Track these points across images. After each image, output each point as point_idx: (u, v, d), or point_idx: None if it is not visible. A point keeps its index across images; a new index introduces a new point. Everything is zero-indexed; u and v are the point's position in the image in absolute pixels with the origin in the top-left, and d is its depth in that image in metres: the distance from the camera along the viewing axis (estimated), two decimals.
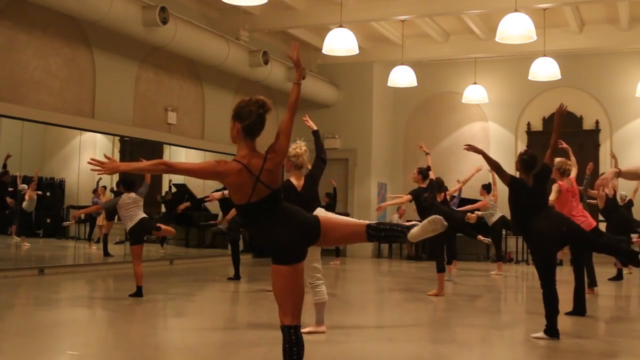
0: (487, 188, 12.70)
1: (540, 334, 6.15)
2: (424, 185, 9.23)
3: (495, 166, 6.40)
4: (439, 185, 10.30)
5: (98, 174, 3.91)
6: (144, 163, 3.75)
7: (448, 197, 11.70)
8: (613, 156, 10.59)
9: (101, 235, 13.12)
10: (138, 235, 8.30)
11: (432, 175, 9.49)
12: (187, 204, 14.59)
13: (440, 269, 9.22)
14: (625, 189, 12.45)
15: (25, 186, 12.07)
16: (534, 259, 6.42)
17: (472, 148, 6.52)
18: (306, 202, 5.94)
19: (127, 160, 13.44)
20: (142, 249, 8.36)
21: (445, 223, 3.69)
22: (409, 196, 9.29)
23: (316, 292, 6.14)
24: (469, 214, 10.16)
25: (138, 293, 8.21)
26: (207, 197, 10.31)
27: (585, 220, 7.73)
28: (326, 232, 3.72)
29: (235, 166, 3.63)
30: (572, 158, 8.63)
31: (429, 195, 9.17)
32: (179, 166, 3.70)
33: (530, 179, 6.30)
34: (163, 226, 8.58)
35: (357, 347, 5.88)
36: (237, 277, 10.68)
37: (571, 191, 7.76)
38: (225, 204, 11.01)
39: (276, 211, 3.69)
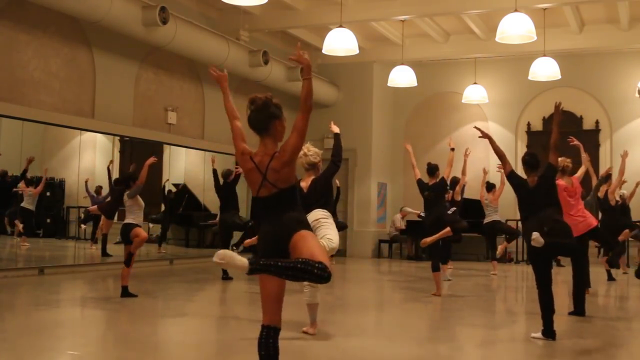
0: (487, 187, 12.63)
1: (539, 335, 6.15)
2: (431, 183, 9.14)
3: (499, 154, 6.49)
4: (450, 185, 10.09)
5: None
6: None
7: (457, 197, 11.61)
8: (625, 155, 10.49)
9: (100, 235, 13.11)
10: (121, 236, 8.32)
11: (447, 173, 9.18)
12: None
13: (435, 269, 9.17)
14: (626, 188, 12.43)
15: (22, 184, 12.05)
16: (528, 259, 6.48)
17: (483, 133, 6.61)
18: (310, 204, 5.94)
19: (127, 160, 13.45)
20: (128, 250, 8.22)
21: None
22: (418, 173, 9.12)
23: (305, 293, 6.13)
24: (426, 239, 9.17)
25: (123, 293, 8.21)
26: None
27: (583, 220, 7.70)
28: (292, 251, 3.61)
29: (247, 163, 3.76)
30: (584, 154, 8.59)
31: (429, 194, 9.10)
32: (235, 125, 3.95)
33: (534, 179, 6.31)
34: (135, 239, 8.16)
35: (357, 347, 5.88)
36: (226, 276, 10.69)
37: (569, 190, 7.72)
38: (225, 203, 10.99)
39: (275, 211, 3.70)
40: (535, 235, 5.85)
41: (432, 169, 9.14)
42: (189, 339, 6.21)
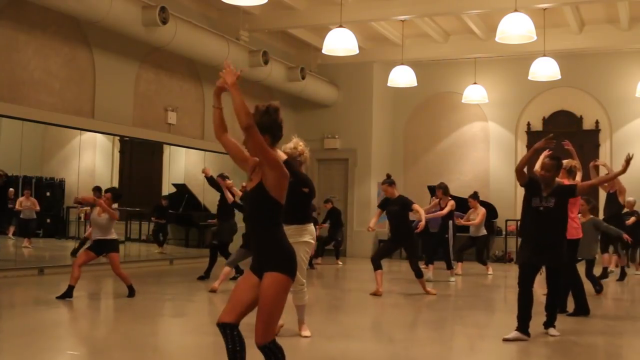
0: (475, 196, 12.64)
1: (513, 335, 6.17)
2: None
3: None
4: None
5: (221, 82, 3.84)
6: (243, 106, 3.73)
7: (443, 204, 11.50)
8: (600, 164, 10.39)
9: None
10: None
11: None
12: None
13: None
14: (634, 194, 12.42)
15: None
16: None
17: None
18: None
19: (127, 160, 13.44)
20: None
21: None
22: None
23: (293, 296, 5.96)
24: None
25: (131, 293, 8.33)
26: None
27: (577, 226, 7.59)
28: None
29: None
30: (576, 160, 8.52)
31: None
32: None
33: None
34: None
35: (357, 347, 5.88)
36: (205, 275, 10.68)
37: None
38: (222, 206, 10.91)
39: None
40: None
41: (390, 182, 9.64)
42: (189, 339, 6.21)
